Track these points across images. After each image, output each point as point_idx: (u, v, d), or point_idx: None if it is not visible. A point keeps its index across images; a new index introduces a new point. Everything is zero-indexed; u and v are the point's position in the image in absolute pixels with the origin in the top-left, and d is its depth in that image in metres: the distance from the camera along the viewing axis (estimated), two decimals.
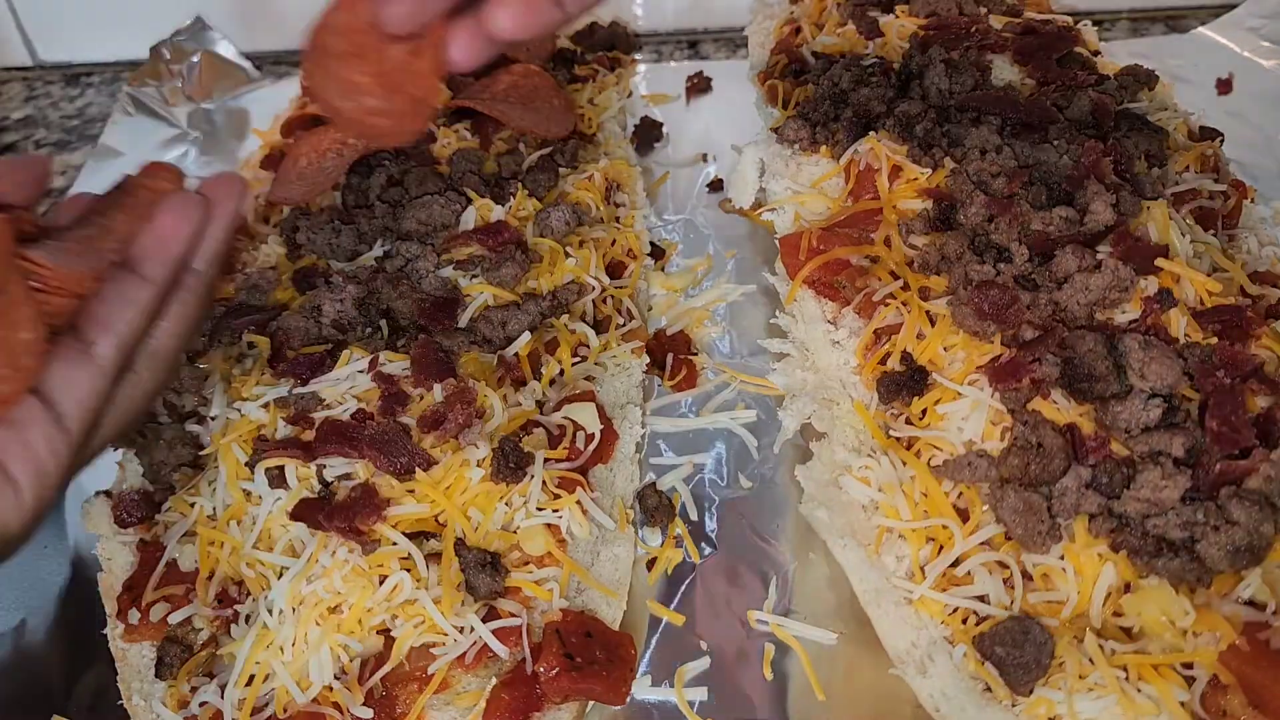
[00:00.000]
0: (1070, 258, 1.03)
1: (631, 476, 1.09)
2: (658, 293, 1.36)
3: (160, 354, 0.78)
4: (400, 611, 0.90)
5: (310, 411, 1.00)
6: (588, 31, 1.80)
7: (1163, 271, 1.04)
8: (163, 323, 0.77)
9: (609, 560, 1.00)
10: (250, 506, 0.96)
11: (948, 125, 1.28)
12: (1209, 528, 0.84)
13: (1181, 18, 2.01)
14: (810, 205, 1.30)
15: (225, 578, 0.94)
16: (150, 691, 0.93)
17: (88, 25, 1.94)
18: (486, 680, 0.90)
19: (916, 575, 0.94)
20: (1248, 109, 1.66)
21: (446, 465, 0.96)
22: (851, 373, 1.11)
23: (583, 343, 1.15)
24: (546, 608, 0.94)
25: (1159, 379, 0.91)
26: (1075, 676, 0.83)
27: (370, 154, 1.33)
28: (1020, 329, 0.99)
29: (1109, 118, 1.29)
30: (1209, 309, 1.02)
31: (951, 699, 0.89)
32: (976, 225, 1.13)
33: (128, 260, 0.75)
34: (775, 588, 1.04)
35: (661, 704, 0.95)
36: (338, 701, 0.87)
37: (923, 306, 1.06)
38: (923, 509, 0.96)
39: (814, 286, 1.19)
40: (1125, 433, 0.90)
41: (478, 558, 0.92)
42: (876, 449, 1.03)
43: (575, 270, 1.21)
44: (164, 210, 0.76)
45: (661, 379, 1.24)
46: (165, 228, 0.76)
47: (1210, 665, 0.82)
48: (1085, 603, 0.87)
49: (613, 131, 1.53)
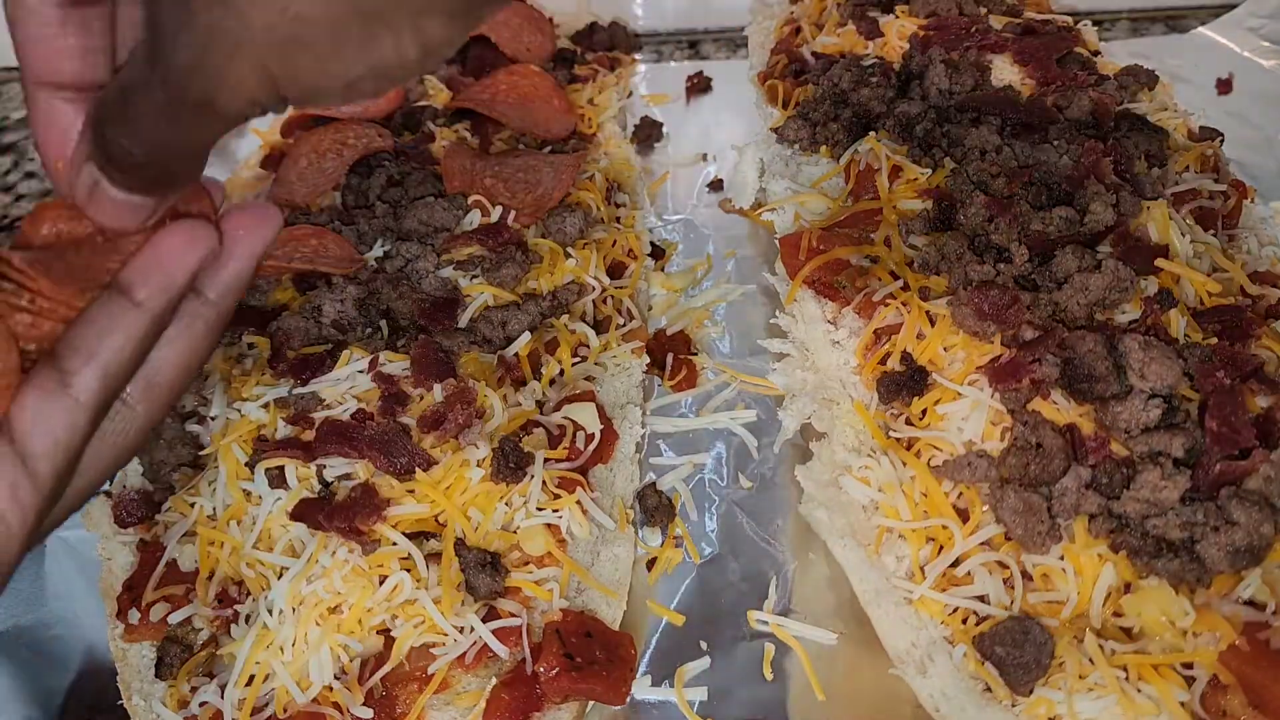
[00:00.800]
0: (1070, 258, 1.04)
1: (631, 476, 1.09)
2: (658, 293, 1.36)
3: (160, 385, 0.69)
4: (400, 611, 0.90)
5: (310, 411, 1.00)
6: (588, 31, 1.80)
7: (1163, 271, 1.04)
8: (164, 351, 0.68)
9: (609, 560, 1.00)
10: (250, 506, 0.96)
11: (948, 125, 1.28)
12: (1209, 528, 0.84)
13: (1181, 18, 2.01)
14: (810, 205, 1.30)
15: (225, 578, 0.94)
16: (150, 691, 0.93)
17: None
18: (486, 680, 0.90)
19: (916, 575, 0.94)
20: (1248, 109, 1.66)
21: (446, 465, 0.96)
22: (851, 373, 1.11)
23: (583, 343, 1.15)
24: (546, 608, 0.94)
25: (1159, 379, 0.91)
26: (1075, 676, 0.83)
27: (370, 154, 1.33)
28: (1020, 329, 0.99)
29: (1109, 118, 1.29)
30: (1209, 309, 1.02)
31: (951, 699, 0.89)
32: (976, 225, 1.13)
33: (118, 281, 0.65)
34: (775, 588, 1.04)
35: (661, 704, 0.95)
36: (338, 701, 0.87)
37: (923, 306, 1.06)
38: (923, 509, 0.96)
39: (814, 286, 1.19)
40: (1125, 433, 0.90)
41: (478, 558, 0.92)
42: (876, 449, 1.03)
43: (575, 270, 1.21)
44: (170, 231, 0.66)
45: (661, 379, 1.24)
46: (167, 251, 0.66)
47: (1210, 665, 0.82)
48: (1085, 603, 0.87)
49: (613, 131, 1.53)
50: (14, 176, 1.70)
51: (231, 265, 0.69)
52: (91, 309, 0.64)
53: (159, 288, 0.65)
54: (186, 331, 0.68)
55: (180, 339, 0.68)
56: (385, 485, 0.94)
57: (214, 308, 0.69)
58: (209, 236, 0.67)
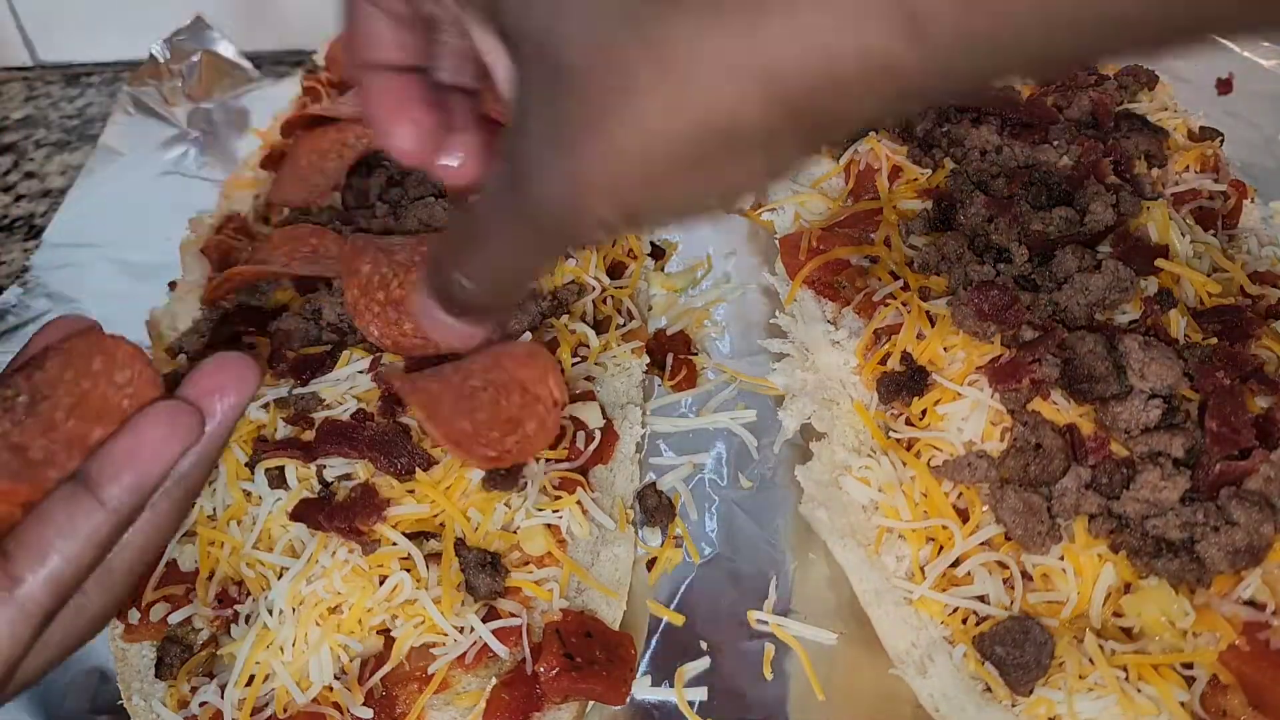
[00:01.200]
0: (1070, 258, 1.04)
1: (631, 476, 1.09)
2: (658, 293, 1.36)
3: (118, 572, 0.62)
4: (400, 611, 0.90)
5: (310, 412, 1.00)
6: None
7: (1163, 272, 1.04)
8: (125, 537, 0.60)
9: (609, 560, 1.00)
10: (250, 506, 0.96)
11: (948, 125, 1.28)
12: (1209, 528, 0.84)
13: None
14: (810, 205, 1.30)
15: (225, 578, 0.94)
16: (150, 691, 0.93)
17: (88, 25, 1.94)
18: (486, 680, 0.90)
19: (916, 575, 0.94)
20: (1248, 109, 1.66)
21: (446, 465, 0.96)
22: (851, 373, 1.11)
23: (583, 343, 1.15)
24: (546, 608, 0.94)
25: (1159, 379, 0.91)
26: (1075, 676, 0.83)
27: (371, 154, 1.33)
28: (1020, 329, 0.99)
29: (1109, 118, 1.29)
30: (1209, 309, 1.02)
31: (951, 699, 0.89)
32: (976, 225, 1.13)
33: (86, 474, 0.57)
34: (775, 588, 1.04)
35: (661, 704, 0.95)
36: (338, 701, 0.87)
37: (923, 307, 1.06)
38: (923, 509, 0.96)
39: (814, 286, 1.19)
40: (1125, 433, 0.90)
41: (478, 558, 0.92)
42: (876, 449, 1.03)
43: (575, 270, 1.21)
44: (150, 420, 0.59)
45: (661, 379, 1.24)
46: (147, 444, 0.58)
47: (1210, 665, 0.82)
48: (1085, 603, 0.88)
49: None
50: (14, 176, 1.70)
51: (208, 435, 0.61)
52: (51, 502, 0.57)
53: (130, 487, 0.58)
54: (151, 516, 0.61)
55: (145, 525, 0.61)
56: (385, 485, 0.94)
57: (184, 484, 0.62)
58: (192, 425, 0.60)
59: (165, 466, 0.59)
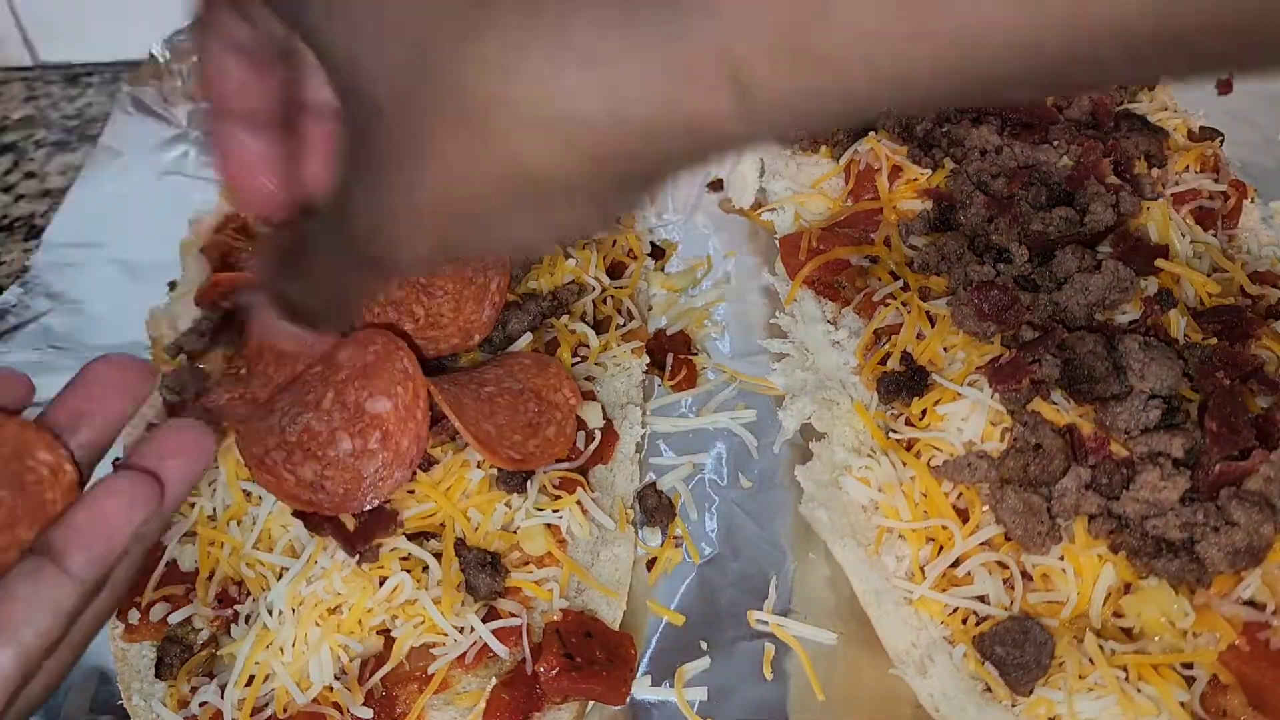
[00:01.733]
0: (1070, 258, 1.04)
1: (631, 476, 1.09)
2: (658, 293, 1.36)
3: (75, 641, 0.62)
4: (400, 612, 0.90)
5: None
6: None
7: (1163, 272, 1.04)
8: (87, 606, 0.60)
9: (609, 560, 1.00)
10: (250, 506, 0.96)
11: (948, 125, 1.28)
12: (1208, 529, 0.84)
13: None
14: (810, 205, 1.30)
15: (225, 578, 0.94)
16: (150, 691, 0.93)
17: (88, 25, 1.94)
18: (486, 680, 0.90)
19: (916, 575, 0.94)
20: (1248, 109, 1.66)
21: (446, 465, 0.96)
22: (851, 373, 1.11)
23: (583, 343, 1.15)
24: (546, 608, 0.94)
25: (1159, 380, 0.91)
26: (1075, 676, 0.83)
27: None
28: (1020, 329, 0.99)
29: (1109, 118, 1.29)
30: (1209, 309, 1.02)
31: (951, 699, 0.89)
32: (976, 226, 1.13)
33: (49, 545, 0.57)
34: (775, 588, 1.04)
35: (661, 704, 0.95)
36: (338, 701, 0.87)
37: (923, 307, 1.06)
38: (923, 509, 0.96)
39: (814, 286, 1.19)
40: (1125, 434, 0.90)
41: (478, 558, 0.92)
42: (876, 449, 1.03)
43: (575, 270, 1.21)
44: (108, 491, 0.59)
45: (661, 379, 1.24)
46: (111, 513, 0.58)
47: (1210, 665, 0.82)
48: (1085, 603, 0.88)
49: None
50: (14, 176, 1.70)
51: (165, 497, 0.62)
52: (14, 578, 0.56)
53: (98, 557, 0.58)
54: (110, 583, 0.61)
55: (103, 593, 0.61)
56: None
57: (140, 543, 0.62)
58: (151, 494, 0.60)
59: (131, 533, 0.59)
